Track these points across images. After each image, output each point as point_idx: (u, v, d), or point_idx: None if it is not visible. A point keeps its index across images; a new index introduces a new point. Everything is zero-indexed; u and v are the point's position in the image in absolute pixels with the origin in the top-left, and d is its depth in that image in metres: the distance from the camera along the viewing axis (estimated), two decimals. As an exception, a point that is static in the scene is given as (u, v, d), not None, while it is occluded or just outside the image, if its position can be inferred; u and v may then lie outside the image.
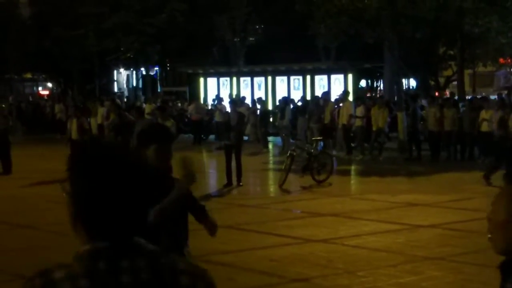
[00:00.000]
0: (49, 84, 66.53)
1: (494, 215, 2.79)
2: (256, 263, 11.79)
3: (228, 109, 25.18)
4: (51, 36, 46.12)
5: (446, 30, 34.58)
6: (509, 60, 45.12)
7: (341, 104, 29.35)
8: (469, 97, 37.02)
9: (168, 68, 55.56)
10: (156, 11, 42.36)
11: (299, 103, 32.57)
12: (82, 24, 44.42)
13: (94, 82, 53.42)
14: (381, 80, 45.08)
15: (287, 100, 32.51)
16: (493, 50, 34.21)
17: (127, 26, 42.43)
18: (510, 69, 54.76)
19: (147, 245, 2.38)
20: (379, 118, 27.89)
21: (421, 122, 27.68)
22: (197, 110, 36.31)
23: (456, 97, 33.61)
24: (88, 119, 28.11)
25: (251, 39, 45.95)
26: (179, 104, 41.59)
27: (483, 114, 25.41)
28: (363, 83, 49.79)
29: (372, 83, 54.75)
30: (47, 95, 57.41)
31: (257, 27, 47.35)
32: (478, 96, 32.37)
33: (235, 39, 44.83)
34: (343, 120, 28.52)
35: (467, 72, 46.95)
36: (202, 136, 35.43)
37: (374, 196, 18.60)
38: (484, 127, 25.14)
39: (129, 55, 47.62)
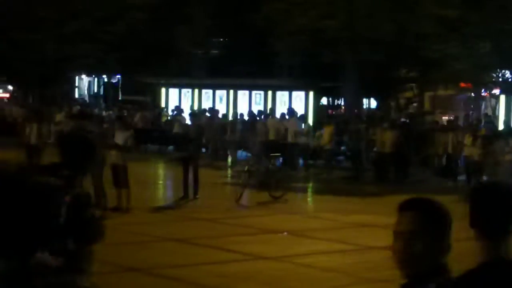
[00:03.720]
0: (10, 87, 65.52)
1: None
2: (205, 278, 11.76)
3: (188, 121, 25.12)
4: (7, 38, 45.20)
5: (404, 53, 34.83)
6: (470, 85, 45.47)
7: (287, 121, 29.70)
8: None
9: (128, 77, 55.22)
10: (115, 19, 42.03)
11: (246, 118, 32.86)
12: (41, 28, 43.78)
13: (52, 88, 52.68)
14: (342, 98, 45.24)
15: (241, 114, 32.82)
16: (451, 75, 34.54)
17: (85, 33, 42.10)
18: (471, 94, 55.11)
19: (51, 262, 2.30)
20: (326, 137, 28.29)
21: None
22: (143, 119, 36.42)
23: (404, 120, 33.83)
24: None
25: (213, 51, 45.95)
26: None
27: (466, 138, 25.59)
28: (324, 100, 49.98)
29: (334, 101, 54.86)
30: (7, 98, 56.73)
31: (220, 40, 47.34)
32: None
33: (197, 52, 44.83)
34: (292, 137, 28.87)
35: (428, 94, 47.29)
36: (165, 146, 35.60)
37: (327, 215, 18.71)
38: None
39: (87, 62, 47.07)
